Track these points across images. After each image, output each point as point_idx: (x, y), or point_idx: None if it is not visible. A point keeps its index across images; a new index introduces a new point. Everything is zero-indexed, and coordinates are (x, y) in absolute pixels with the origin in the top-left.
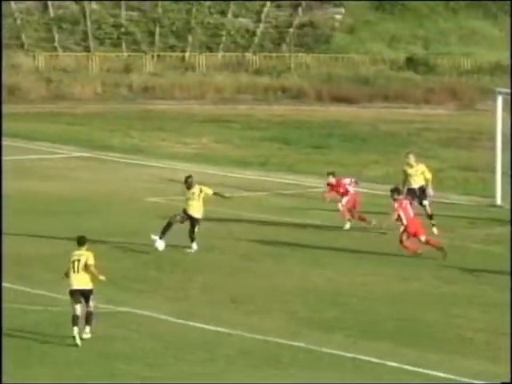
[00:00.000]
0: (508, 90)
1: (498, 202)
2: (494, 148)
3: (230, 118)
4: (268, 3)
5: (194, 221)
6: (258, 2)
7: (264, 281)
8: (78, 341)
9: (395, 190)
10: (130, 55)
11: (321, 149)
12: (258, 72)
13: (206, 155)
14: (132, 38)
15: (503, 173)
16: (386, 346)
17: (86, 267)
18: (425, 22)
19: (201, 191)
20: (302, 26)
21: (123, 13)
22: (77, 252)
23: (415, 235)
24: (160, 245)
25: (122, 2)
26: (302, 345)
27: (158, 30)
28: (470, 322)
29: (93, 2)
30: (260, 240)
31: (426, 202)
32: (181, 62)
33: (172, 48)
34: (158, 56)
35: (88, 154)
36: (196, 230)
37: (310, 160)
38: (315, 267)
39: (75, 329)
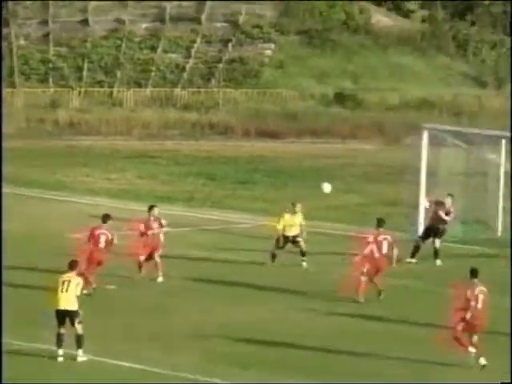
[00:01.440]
0: (434, 126)
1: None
2: (418, 183)
3: (156, 154)
4: (198, 39)
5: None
6: (188, 38)
7: (184, 318)
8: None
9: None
10: (56, 91)
11: (246, 184)
12: (186, 107)
13: (130, 191)
14: (59, 73)
15: (426, 208)
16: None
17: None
18: (354, 58)
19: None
20: (231, 61)
21: (51, 48)
22: (67, 274)
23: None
24: None
25: (50, 37)
26: (217, 381)
27: (86, 65)
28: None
29: (21, 38)
30: (183, 276)
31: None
32: (108, 97)
33: (100, 83)
34: (86, 91)
35: (11, 190)
36: None
37: (236, 195)
38: (237, 304)
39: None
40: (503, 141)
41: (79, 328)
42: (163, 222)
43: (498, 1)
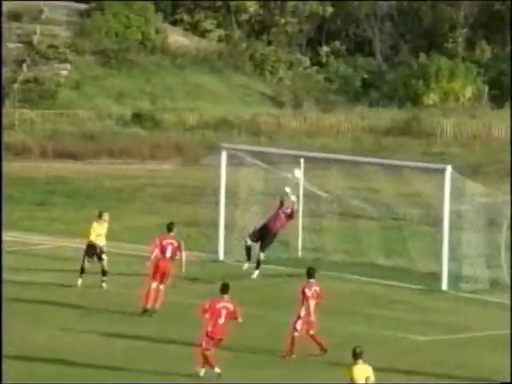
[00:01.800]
0: (232, 145)
1: (221, 257)
2: (217, 203)
3: None
4: None
5: None
6: None
7: None
8: None
9: None
10: None
11: (44, 205)
12: None
13: None
14: None
15: (226, 227)
16: None
17: None
18: (152, 78)
19: None
20: (26, 81)
21: None
22: None
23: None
24: None
25: None
26: None
27: None
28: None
29: None
30: None
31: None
32: None
33: None
34: None
35: None
36: None
37: (33, 217)
38: (37, 325)
39: None
40: (301, 160)
41: None
42: None
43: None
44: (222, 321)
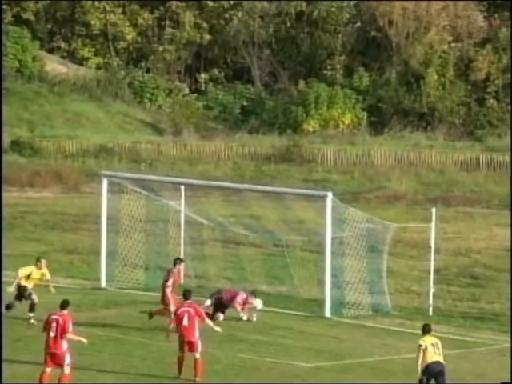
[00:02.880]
0: (113, 173)
1: (103, 284)
2: (98, 230)
3: None
4: None
5: None
6: None
7: None
8: None
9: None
10: None
11: None
12: None
13: None
14: None
15: (108, 255)
16: None
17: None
18: (30, 106)
19: None
20: None
21: None
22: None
23: None
24: None
25: None
26: None
27: None
28: None
29: None
30: None
31: None
32: None
33: None
34: None
35: None
36: None
37: None
38: None
39: None
40: (182, 187)
41: None
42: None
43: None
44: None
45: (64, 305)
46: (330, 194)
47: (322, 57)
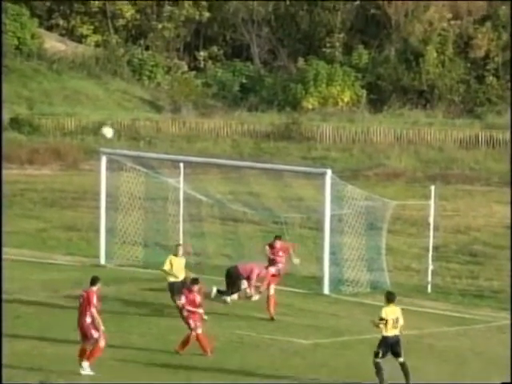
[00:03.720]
0: (112, 150)
1: (102, 261)
2: (98, 207)
3: None
4: None
5: None
6: None
7: None
8: None
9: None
10: None
11: None
12: None
13: None
14: None
15: (107, 232)
16: None
17: None
18: (29, 83)
19: None
20: None
21: None
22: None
23: None
24: None
25: None
26: None
27: None
28: None
29: None
30: None
31: None
32: None
33: None
34: None
35: None
36: None
37: None
38: None
39: None
40: (181, 164)
41: None
42: None
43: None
44: None
45: (93, 281)
46: (329, 172)
47: (321, 34)
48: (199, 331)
